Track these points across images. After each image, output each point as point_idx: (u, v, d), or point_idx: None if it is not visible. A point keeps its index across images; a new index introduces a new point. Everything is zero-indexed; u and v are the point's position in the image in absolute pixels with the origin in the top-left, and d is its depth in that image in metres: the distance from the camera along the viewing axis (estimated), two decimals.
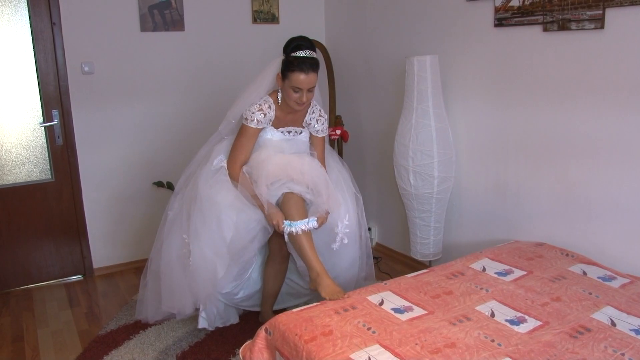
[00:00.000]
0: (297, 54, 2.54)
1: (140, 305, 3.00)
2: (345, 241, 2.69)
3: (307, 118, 2.77)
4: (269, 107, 2.65)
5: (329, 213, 2.61)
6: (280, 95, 2.67)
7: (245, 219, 2.56)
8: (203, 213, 2.61)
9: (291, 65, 2.54)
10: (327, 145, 2.96)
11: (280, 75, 2.61)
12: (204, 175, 2.70)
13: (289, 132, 2.74)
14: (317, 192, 2.60)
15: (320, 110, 2.81)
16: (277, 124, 2.71)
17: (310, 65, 2.54)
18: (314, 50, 2.61)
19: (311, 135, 2.82)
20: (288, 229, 2.49)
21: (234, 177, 2.66)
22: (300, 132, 2.77)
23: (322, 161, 2.83)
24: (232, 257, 2.60)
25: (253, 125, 2.63)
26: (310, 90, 2.59)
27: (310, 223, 2.51)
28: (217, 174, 2.70)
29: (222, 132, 2.83)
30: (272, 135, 2.71)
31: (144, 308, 2.98)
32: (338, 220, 2.68)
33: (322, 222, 2.57)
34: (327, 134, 2.87)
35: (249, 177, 2.63)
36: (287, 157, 2.67)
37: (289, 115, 2.71)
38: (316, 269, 2.41)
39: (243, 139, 2.67)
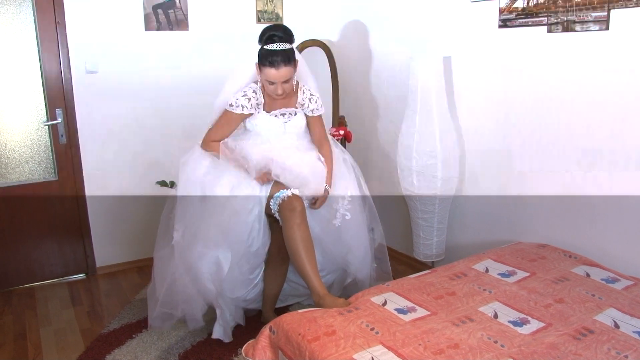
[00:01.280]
0: (268, 47, 2.49)
1: (152, 315, 2.84)
2: (348, 217, 2.68)
3: (299, 99, 2.73)
4: (254, 92, 2.64)
5: (327, 192, 2.64)
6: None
7: (238, 194, 2.54)
8: (185, 196, 2.60)
9: (262, 59, 2.50)
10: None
11: (257, 65, 2.58)
12: (183, 160, 2.73)
13: (283, 114, 2.70)
14: (303, 178, 2.61)
15: (309, 90, 2.76)
16: (268, 107, 2.68)
17: (282, 59, 2.47)
18: (289, 39, 2.53)
19: (308, 118, 2.78)
20: (278, 198, 2.53)
21: (204, 148, 2.69)
22: (295, 114, 2.73)
23: (323, 140, 2.82)
24: (233, 245, 2.54)
25: (237, 111, 2.62)
26: (286, 81, 2.54)
27: (294, 190, 2.56)
28: (193, 153, 2.72)
29: (210, 125, 2.80)
30: (266, 122, 2.67)
31: (155, 317, 2.82)
32: (339, 196, 2.68)
33: (321, 202, 2.63)
34: (323, 112, 2.81)
35: (232, 148, 2.64)
36: (272, 147, 2.65)
37: (276, 100, 2.68)
38: (319, 292, 2.39)
39: (223, 121, 2.67)
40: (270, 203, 2.57)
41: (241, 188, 2.57)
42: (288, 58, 2.50)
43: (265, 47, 2.50)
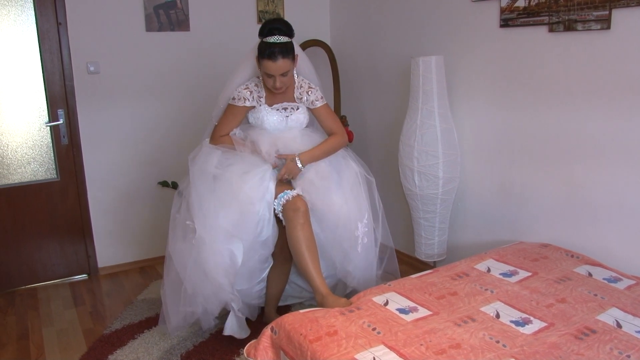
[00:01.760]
0: (267, 40, 2.53)
1: (165, 317, 2.78)
2: (365, 240, 2.68)
3: (296, 94, 2.76)
4: (256, 85, 2.71)
5: (294, 164, 2.65)
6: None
7: (247, 188, 2.54)
8: (197, 189, 2.58)
9: (261, 52, 2.55)
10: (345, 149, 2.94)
11: (257, 58, 2.62)
12: (191, 156, 2.76)
13: (285, 108, 2.74)
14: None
15: (308, 83, 2.79)
16: (270, 101, 2.72)
17: (280, 51, 2.51)
18: (289, 33, 2.58)
19: (313, 111, 2.80)
20: (282, 199, 2.54)
21: (214, 144, 2.73)
22: (297, 108, 2.77)
23: (340, 133, 2.81)
24: (243, 234, 2.51)
25: (240, 104, 2.68)
26: (284, 74, 2.58)
27: (298, 191, 2.59)
28: (201, 148, 2.75)
29: (214, 119, 2.85)
30: (268, 115, 2.70)
31: (169, 319, 2.75)
32: (358, 221, 2.68)
33: (288, 171, 2.64)
34: (325, 102, 2.82)
35: (243, 138, 2.72)
36: (278, 136, 2.72)
37: (276, 94, 2.73)
38: (321, 292, 2.39)
39: (229, 115, 2.73)
40: (274, 204, 2.57)
41: (251, 175, 2.57)
42: (287, 51, 2.54)
43: (264, 39, 2.55)
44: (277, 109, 2.73)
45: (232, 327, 2.68)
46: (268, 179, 2.58)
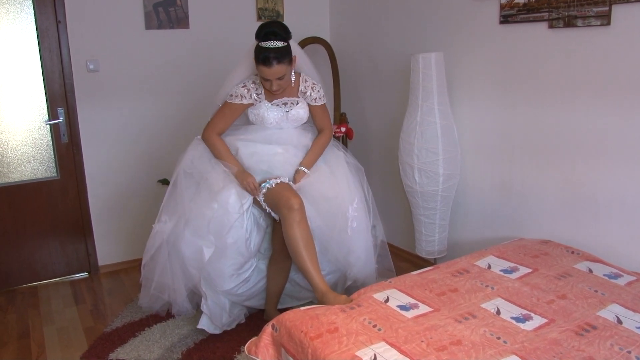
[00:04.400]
0: (262, 45, 2.53)
1: (144, 295, 3.00)
2: (355, 225, 2.69)
3: (301, 87, 2.78)
4: (253, 82, 2.71)
5: (302, 173, 2.71)
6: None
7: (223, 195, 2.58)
8: (179, 186, 2.71)
9: (256, 57, 2.55)
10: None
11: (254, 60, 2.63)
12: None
13: (285, 104, 2.75)
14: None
15: (312, 79, 2.83)
16: (270, 97, 2.73)
17: (275, 57, 2.50)
18: (286, 37, 2.56)
19: (311, 107, 2.83)
20: (264, 188, 2.57)
21: (205, 138, 2.76)
22: (297, 103, 2.78)
23: (324, 128, 2.88)
24: (217, 235, 2.58)
25: (236, 101, 2.69)
26: (280, 78, 2.58)
27: (282, 178, 2.61)
28: (190, 147, 2.83)
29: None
30: (268, 111, 2.71)
31: (144, 297, 2.99)
32: (349, 204, 2.69)
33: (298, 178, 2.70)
34: (325, 101, 2.87)
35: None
36: (271, 157, 2.74)
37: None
38: (321, 289, 2.40)
39: (225, 111, 2.74)
40: (259, 197, 2.60)
41: (233, 178, 2.64)
42: (282, 56, 2.53)
43: (260, 44, 2.55)
44: (277, 105, 2.74)
45: (203, 321, 2.76)
46: (246, 194, 2.63)
